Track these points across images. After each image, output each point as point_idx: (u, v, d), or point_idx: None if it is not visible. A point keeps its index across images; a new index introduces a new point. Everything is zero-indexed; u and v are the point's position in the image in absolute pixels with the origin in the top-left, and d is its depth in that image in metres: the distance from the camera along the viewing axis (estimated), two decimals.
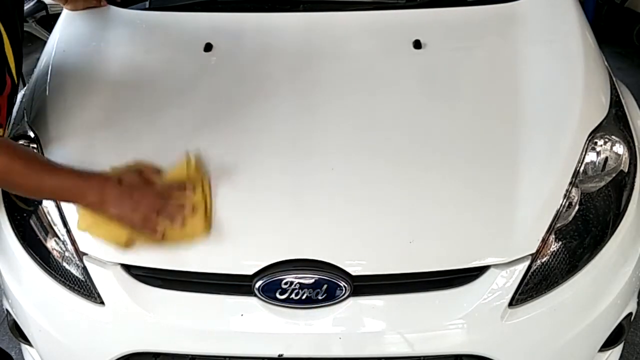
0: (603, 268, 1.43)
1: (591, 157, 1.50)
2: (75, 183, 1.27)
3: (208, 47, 1.80)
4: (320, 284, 1.32)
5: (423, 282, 1.36)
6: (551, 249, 1.38)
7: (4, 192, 1.60)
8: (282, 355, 1.36)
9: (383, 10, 1.90)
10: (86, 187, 1.26)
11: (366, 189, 1.42)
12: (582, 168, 1.46)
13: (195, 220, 1.31)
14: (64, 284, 1.44)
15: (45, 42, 1.98)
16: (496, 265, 1.36)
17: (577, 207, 1.43)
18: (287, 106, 1.62)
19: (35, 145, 1.58)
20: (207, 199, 1.34)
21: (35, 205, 1.51)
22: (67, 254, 1.43)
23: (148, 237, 1.31)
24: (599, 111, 1.60)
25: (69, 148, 1.57)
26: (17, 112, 1.78)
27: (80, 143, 1.57)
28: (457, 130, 1.55)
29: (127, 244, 1.31)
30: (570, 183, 1.43)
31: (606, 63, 1.82)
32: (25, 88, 1.89)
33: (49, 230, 1.47)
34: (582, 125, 1.54)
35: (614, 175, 1.51)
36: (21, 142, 1.62)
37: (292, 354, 1.36)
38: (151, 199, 1.28)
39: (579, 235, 1.41)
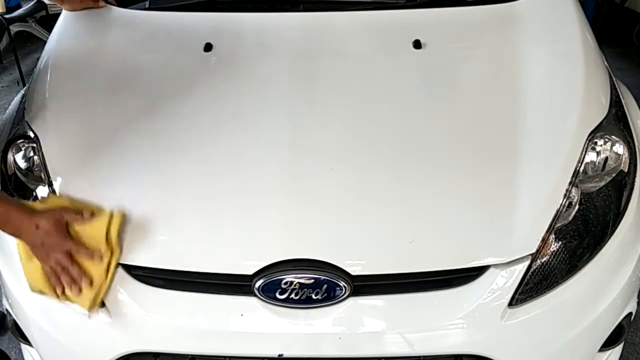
0: (603, 268, 1.44)
1: (591, 157, 1.50)
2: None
3: (208, 47, 1.80)
4: (320, 284, 1.32)
5: (423, 282, 1.36)
6: (551, 249, 1.38)
7: (4, 192, 1.60)
8: (282, 355, 1.36)
9: (383, 10, 1.90)
10: (5, 219, 1.31)
11: (366, 189, 1.42)
12: (582, 168, 1.46)
13: (88, 294, 1.34)
14: None
15: (45, 42, 1.98)
16: (496, 265, 1.36)
17: (577, 207, 1.43)
18: (286, 106, 1.62)
19: (34, 145, 1.58)
20: (108, 276, 1.35)
21: None
22: None
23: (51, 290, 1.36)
24: (599, 111, 1.60)
25: (69, 148, 1.57)
26: (17, 111, 1.78)
27: (80, 143, 1.58)
28: (456, 130, 1.55)
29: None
30: (570, 183, 1.43)
31: (606, 63, 1.82)
32: (25, 88, 1.90)
33: None
34: (582, 125, 1.54)
35: (614, 175, 1.51)
36: (21, 141, 1.62)
37: (292, 354, 1.36)
38: (58, 255, 1.32)
39: (579, 235, 1.41)
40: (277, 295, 1.33)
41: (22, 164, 1.59)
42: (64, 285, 1.33)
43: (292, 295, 1.33)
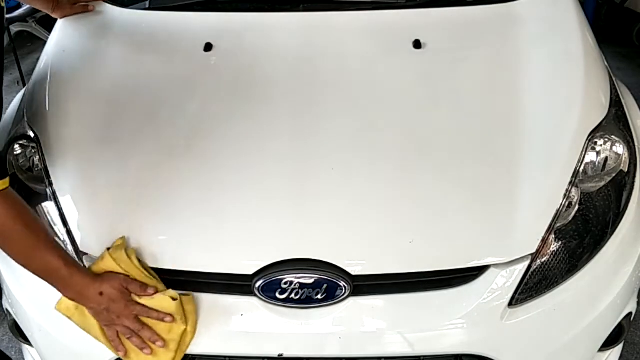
0: (603, 268, 1.44)
1: (591, 157, 1.50)
2: (60, 274, 1.25)
3: (208, 47, 1.80)
4: (320, 284, 1.32)
5: (423, 282, 1.36)
6: (551, 249, 1.38)
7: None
8: (282, 355, 1.36)
9: (383, 10, 1.89)
10: (68, 283, 1.26)
11: (366, 189, 1.42)
12: (582, 168, 1.46)
13: (162, 356, 1.32)
14: None
15: (45, 42, 1.98)
16: (496, 265, 1.36)
17: (577, 207, 1.43)
18: (287, 106, 1.62)
19: (34, 145, 1.58)
20: (185, 340, 1.33)
21: (35, 205, 1.51)
22: None
23: (112, 349, 1.34)
24: (599, 111, 1.60)
25: (69, 148, 1.57)
26: (17, 112, 1.78)
27: (80, 143, 1.58)
28: (457, 130, 1.55)
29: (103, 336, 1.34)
30: (570, 183, 1.43)
31: (606, 63, 1.82)
32: (25, 88, 1.90)
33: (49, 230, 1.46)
34: (582, 125, 1.54)
35: (613, 175, 1.51)
36: (21, 141, 1.62)
37: (292, 353, 1.36)
38: (127, 321, 1.29)
39: (579, 235, 1.41)
40: (277, 295, 1.33)
41: (22, 164, 1.59)
42: (136, 348, 1.31)
43: (292, 295, 1.33)
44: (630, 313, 1.55)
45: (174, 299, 1.29)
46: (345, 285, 1.32)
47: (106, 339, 1.32)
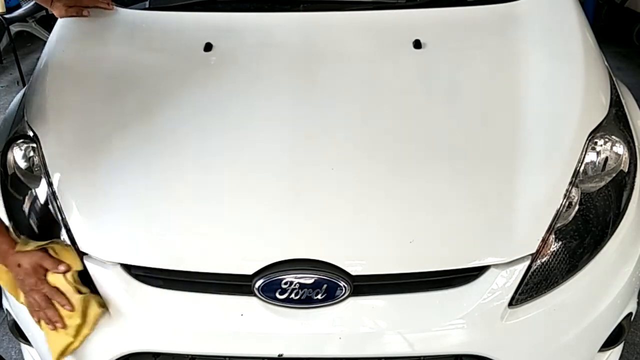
0: (603, 268, 1.44)
1: (591, 157, 1.50)
2: None
3: (208, 47, 1.80)
4: (320, 284, 1.32)
5: (423, 282, 1.36)
6: (551, 249, 1.38)
7: (3, 191, 1.60)
8: (282, 355, 1.36)
9: (383, 10, 1.90)
10: None
11: (366, 189, 1.42)
12: (582, 168, 1.46)
13: (62, 336, 1.38)
14: None
15: (45, 42, 1.98)
16: (496, 265, 1.36)
17: (577, 207, 1.43)
18: (286, 106, 1.62)
19: (34, 145, 1.58)
20: (81, 331, 1.38)
21: (34, 205, 1.51)
22: None
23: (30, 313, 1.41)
24: (599, 111, 1.60)
25: (69, 148, 1.57)
26: (17, 111, 1.78)
27: (80, 143, 1.58)
28: (457, 130, 1.55)
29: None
30: (570, 183, 1.43)
31: (606, 63, 1.82)
32: (25, 88, 1.90)
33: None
34: (582, 125, 1.54)
35: (614, 175, 1.51)
36: (20, 141, 1.62)
37: (292, 354, 1.36)
38: (36, 296, 1.36)
39: (579, 235, 1.41)
40: (277, 295, 1.33)
41: (22, 164, 1.59)
42: (42, 319, 1.38)
43: (292, 295, 1.33)
44: (631, 313, 1.55)
45: (80, 293, 1.35)
46: (345, 286, 1.32)
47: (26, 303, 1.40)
